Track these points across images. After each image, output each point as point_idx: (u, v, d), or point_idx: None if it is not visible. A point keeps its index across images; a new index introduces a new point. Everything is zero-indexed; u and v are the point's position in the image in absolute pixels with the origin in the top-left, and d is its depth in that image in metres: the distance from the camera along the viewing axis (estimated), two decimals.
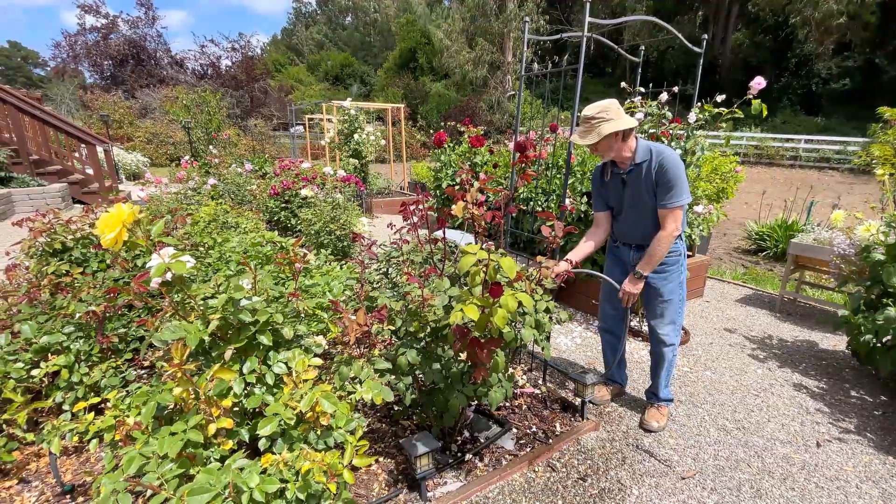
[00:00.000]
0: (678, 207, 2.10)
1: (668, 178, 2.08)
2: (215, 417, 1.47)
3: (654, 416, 2.45)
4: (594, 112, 2.11)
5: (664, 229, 2.15)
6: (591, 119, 2.11)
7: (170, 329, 1.47)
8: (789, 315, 4.08)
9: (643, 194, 2.17)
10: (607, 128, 2.07)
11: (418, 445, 1.75)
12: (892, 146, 4.20)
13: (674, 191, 2.08)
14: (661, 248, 2.16)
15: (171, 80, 24.27)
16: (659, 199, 2.13)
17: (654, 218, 2.19)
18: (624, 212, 2.30)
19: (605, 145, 2.14)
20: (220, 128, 10.12)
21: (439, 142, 3.10)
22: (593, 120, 2.10)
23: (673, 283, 2.29)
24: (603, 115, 2.09)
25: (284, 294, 1.72)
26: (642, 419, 2.47)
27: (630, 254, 2.35)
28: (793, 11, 22.43)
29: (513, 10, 23.13)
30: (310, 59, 44.82)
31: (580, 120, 2.19)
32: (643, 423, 2.45)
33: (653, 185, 2.13)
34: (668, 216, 2.12)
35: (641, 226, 2.25)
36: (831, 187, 12.76)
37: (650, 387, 2.54)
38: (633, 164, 2.17)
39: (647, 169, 2.13)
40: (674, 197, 2.09)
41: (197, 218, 3.68)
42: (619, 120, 2.08)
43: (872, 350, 2.76)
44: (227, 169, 6.86)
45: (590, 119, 2.11)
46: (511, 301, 1.42)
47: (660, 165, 2.09)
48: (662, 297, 2.30)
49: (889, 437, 2.42)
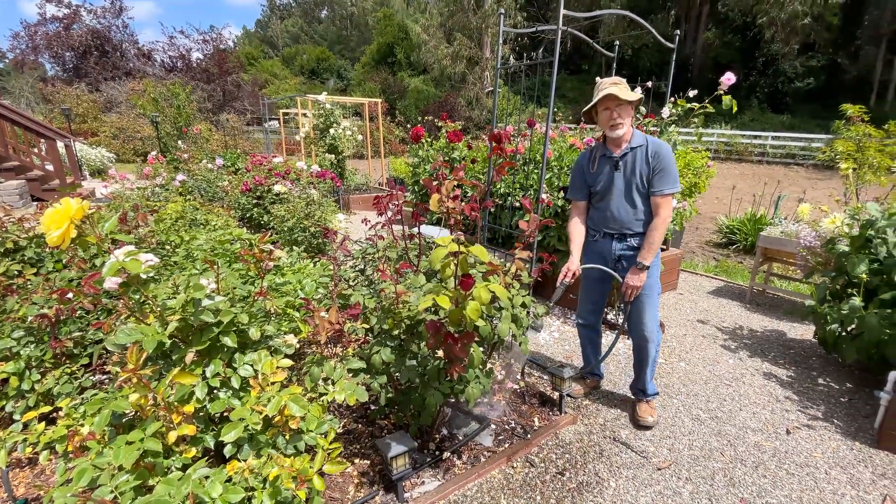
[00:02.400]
0: (671, 195, 2.13)
1: (664, 165, 2.10)
2: (176, 424, 1.39)
3: (646, 412, 2.43)
4: (618, 79, 2.14)
5: (658, 216, 2.15)
6: (620, 82, 2.12)
7: (125, 332, 1.38)
8: (759, 306, 4.19)
9: (636, 178, 2.17)
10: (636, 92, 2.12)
11: (393, 445, 1.71)
12: (855, 142, 4.36)
13: (669, 177, 2.11)
14: (660, 235, 2.16)
15: (139, 72, 23.38)
16: (653, 186, 2.14)
17: (642, 204, 2.20)
18: (612, 197, 2.26)
19: (629, 111, 2.15)
20: (191, 122, 9.80)
21: (416, 137, 3.04)
22: (622, 85, 2.12)
23: (653, 278, 2.28)
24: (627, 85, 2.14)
25: (252, 293, 1.64)
26: (635, 416, 2.44)
27: (612, 245, 2.32)
28: (760, 12, 23.11)
29: (491, 6, 23.11)
30: (284, 53, 43.96)
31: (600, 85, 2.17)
32: (637, 421, 2.42)
33: (648, 170, 2.14)
34: (662, 203, 2.14)
35: (628, 212, 2.23)
36: (797, 182, 13.22)
37: (637, 383, 2.51)
38: (629, 148, 2.17)
39: (642, 154, 2.15)
40: (669, 183, 2.11)
41: (163, 215, 3.53)
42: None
43: (838, 339, 2.85)
44: (197, 165, 6.63)
45: (619, 82, 2.12)
46: (484, 292, 1.38)
47: (655, 152, 2.12)
48: (645, 290, 2.28)
49: (855, 423, 2.50)
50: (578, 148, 4.46)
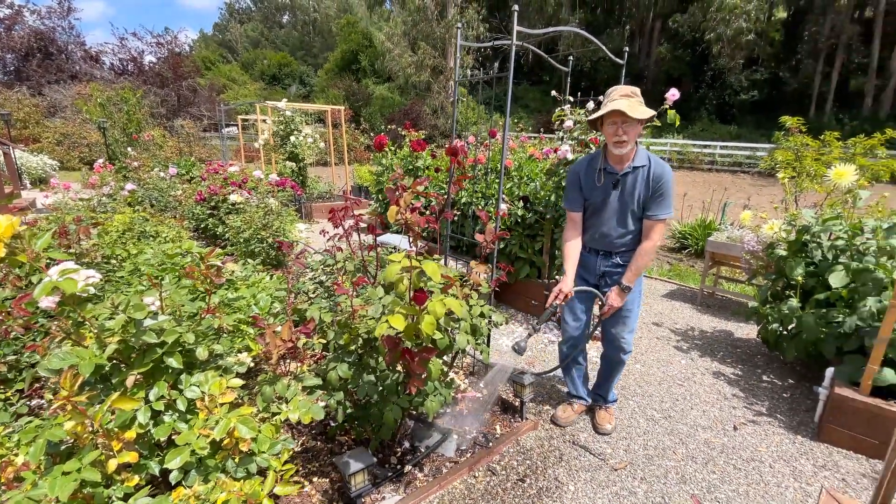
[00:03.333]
0: (665, 220, 2.05)
1: (665, 190, 2.00)
2: (116, 452, 1.32)
3: (605, 419, 2.46)
4: (635, 89, 1.97)
5: (649, 240, 2.08)
6: (635, 94, 1.94)
7: (59, 356, 1.30)
8: (709, 307, 4.40)
9: (633, 200, 2.06)
10: (650, 110, 1.94)
11: (352, 462, 1.68)
12: (794, 152, 4.66)
13: (665, 202, 2.02)
14: (647, 260, 2.10)
15: (85, 75, 22.19)
16: (649, 209, 2.04)
17: (633, 225, 2.12)
18: (605, 215, 2.15)
19: (636, 128, 1.97)
20: (142, 128, 9.37)
21: (380, 145, 3.03)
22: (636, 96, 1.95)
23: (635, 293, 2.24)
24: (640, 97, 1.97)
25: (200, 310, 1.58)
26: (595, 423, 2.46)
27: (597, 261, 2.25)
28: (708, 28, 24.51)
29: (454, 16, 23.42)
30: (243, 58, 42.88)
31: (612, 94, 1.98)
32: (597, 427, 2.44)
33: (647, 192, 2.03)
34: (655, 227, 2.06)
35: (619, 233, 2.15)
36: (743, 189, 14.02)
37: (599, 390, 2.51)
38: (631, 167, 2.04)
39: (644, 174, 2.03)
40: (664, 208, 2.03)
41: (109, 227, 3.35)
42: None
43: (779, 337, 3.02)
44: (148, 173, 6.34)
45: (634, 93, 1.94)
46: (439, 307, 1.39)
47: (658, 174, 2.00)
48: (627, 306, 2.22)
49: (797, 417, 2.65)
50: (538, 159, 4.57)
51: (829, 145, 4.53)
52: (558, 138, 3.57)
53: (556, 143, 3.76)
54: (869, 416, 2.29)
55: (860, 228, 2.86)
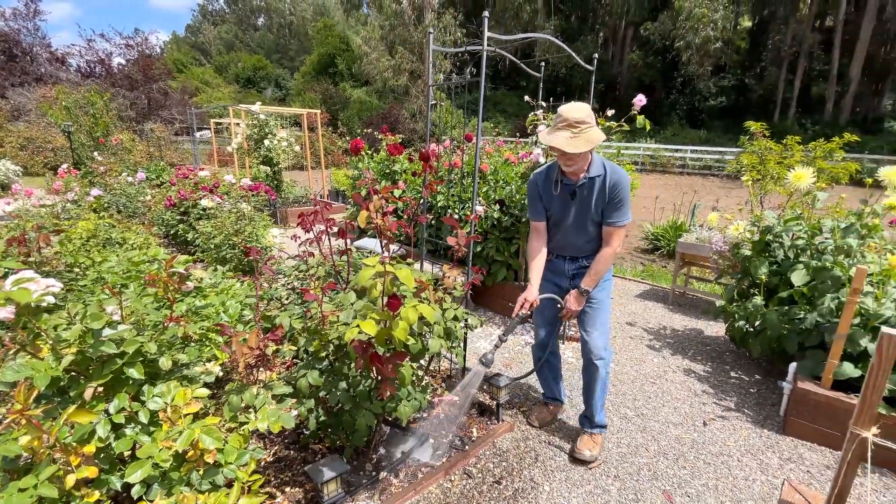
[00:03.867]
0: (624, 226, 2.07)
1: (621, 197, 2.00)
2: (75, 467, 1.27)
3: (586, 444, 2.28)
4: (582, 115, 1.86)
5: (609, 246, 2.09)
6: (580, 123, 1.85)
7: (12, 368, 1.24)
8: (680, 306, 4.51)
9: (591, 209, 2.06)
10: (597, 135, 1.86)
11: (324, 471, 1.65)
12: (758, 155, 4.84)
13: (623, 209, 2.03)
14: (606, 265, 2.11)
15: (51, 78, 21.37)
16: (608, 217, 2.05)
17: (595, 232, 2.14)
18: (565, 224, 2.16)
19: (584, 156, 1.94)
20: (109, 132, 9.08)
21: (356, 149, 3.01)
22: (582, 125, 1.86)
23: (605, 293, 2.24)
24: (590, 121, 1.87)
25: (164, 319, 1.54)
26: (574, 447, 2.30)
27: (566, 265, 2.26)
28: (677, 37, 25.30)
29: (431, 21, 23.51)
30: (217, 60, 42.09)
31: (558, 120, 1.90)
32: (573, 451, 2.28)
33: (603, 201, 2.03)
34: (615, 234, 2.07)
35: (581, 240, 2.17)
36: (712, 191, 14.45)
37: (585, 411, 2.38)
38: (587, 178, 2.03)
39: (600, 184, 2.02)
40: (623, 215, 2.04)
41: (72, 234, 3.23)
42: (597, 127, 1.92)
43: (745, 335, 3.12)
44: (116, 178, 6.15)
45: (579, 123, 1.85)
46: (412, 313, 1.39)
47: (614, 183, 1.99)
48: (593, 306, 2.22)
49: (763, 412, 2.74)
50: (513, 163, 4.62)
51: (791, 149, 4.71)
52: (532, 143, 3.62)
53: (531, 147, 3.81)
54: (830, 410, 2.38)
55: (819, 228, 2.98)
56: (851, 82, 24.26)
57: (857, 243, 2.70)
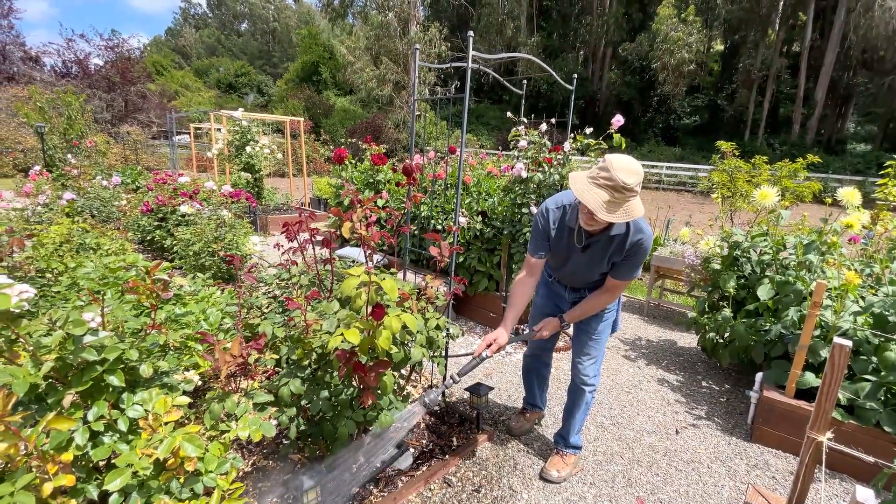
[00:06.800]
0: (630, 281, 1.98)
1: (639, 259, 1.89)
2: (52, 475, 1.25)
3: (555, 464, 2.23)
4: (634, 182, 1.59)
5: (610, 293, 2.02)
6: (627, 190, 1.60)
7: None
8: (655, 318, 4.64)
9: (603, 261, 1.94)
10: (639, 209, 1.67)
11: (304, 480, 1.65)
12: (728, 174, 5.05)
13: (635, 270, 1.94)
14: (595, 309, 2.06)
15: (24, 77, 20.73)
16: (616, 272, 1.95)
17: (600, 276, 2.05)
18: (570, 267, 2.05)
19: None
20: (84, 134, 8.86)
21: (339, 158, 3.04)
22: (628, 192, 1.61)
23: (605, 323, 2.18)
24: (638, 189, 1.64)
25: (145, 326, 1.53)
26: (543, 467, 2.26)
27: (566, 292, 2.21)
28: (654, 58, 26.28)
29: (416, 34, 23.77)
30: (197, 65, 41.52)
31: (602, 174, 1.62)
32: (542, 472, 2.23)
33: (619, 256, 1.90)
34: (620, 286, 2.01)
35: (584, 280, 2.10)
36: (686, 207, 14.93)
37: (561, 429, 2.34)
38: (607, 235, 1.86)
39: (619, 242, 1.86)
40: (632, 274, 1.94)
41: (44, 239, 3.15)
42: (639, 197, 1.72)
43: (715, 346, 3.25)
44: (90, 182, 6.00)
45: (626, 189, 1.59)
46: (395, 322, 1.42)
47: (636, 244, 1.83)
48: (592, 336, 2.16)
49: (732, 419, 2.85)
50: (495, 175, 4.71)
51: (759, 168, 4.95)
52: (514, 157, 3.71)
53: (513, 161, 3.90)
54: (794, 417, 2.49)
55: (783, 244, 3.14)
56: (817, 105, 25.52)
57: (817, 259, 2.86)
